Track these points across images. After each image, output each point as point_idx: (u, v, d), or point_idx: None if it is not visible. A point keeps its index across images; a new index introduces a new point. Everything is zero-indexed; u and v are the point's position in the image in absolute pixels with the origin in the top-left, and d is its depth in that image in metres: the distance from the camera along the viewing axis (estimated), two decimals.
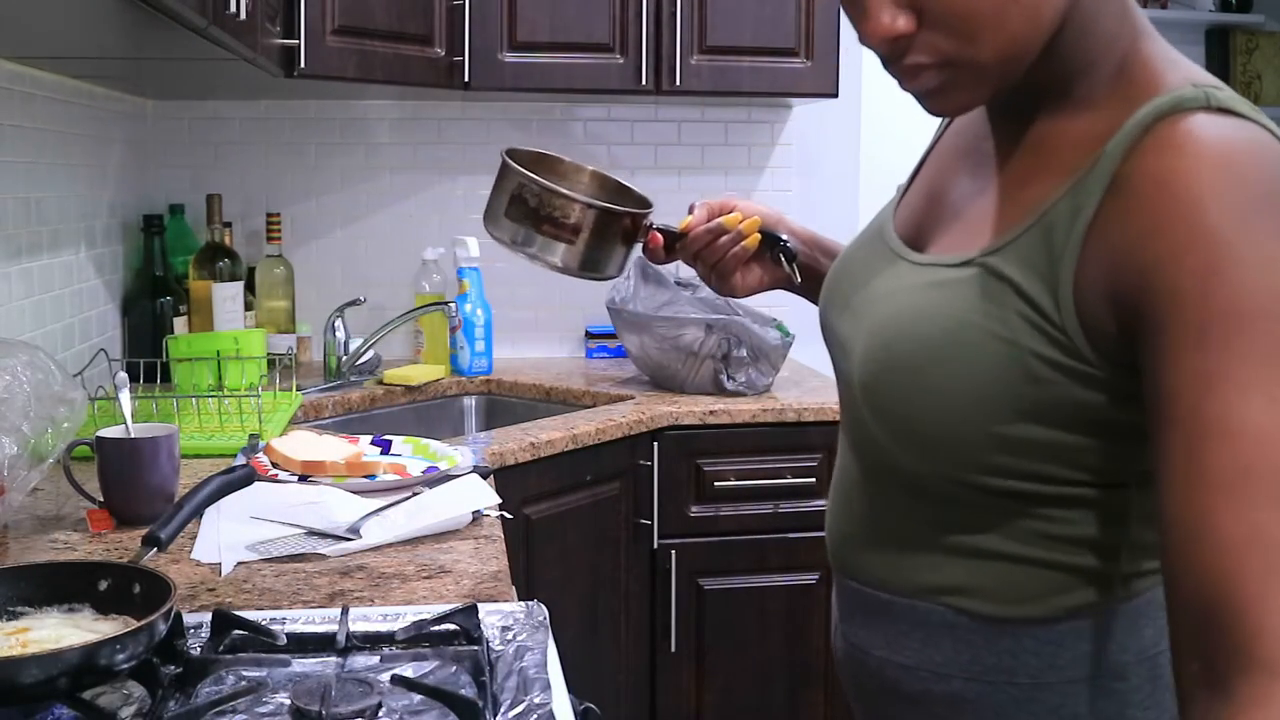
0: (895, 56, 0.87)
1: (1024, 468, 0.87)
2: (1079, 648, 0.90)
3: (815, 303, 1.17)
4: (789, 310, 2.98)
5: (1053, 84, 0.88)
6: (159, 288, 2.48)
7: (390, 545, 1.42)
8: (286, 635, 1.08)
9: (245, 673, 1.02)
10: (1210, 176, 0.77)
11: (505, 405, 2.61)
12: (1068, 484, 0.87)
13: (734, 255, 1.25)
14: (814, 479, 2.35)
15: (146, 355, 2.27)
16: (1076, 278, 0.82)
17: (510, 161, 1.28)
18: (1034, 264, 0.84)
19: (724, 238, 1.24)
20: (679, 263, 1.31)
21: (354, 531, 1.44)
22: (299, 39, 2.19)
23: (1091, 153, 0.83)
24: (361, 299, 2.63)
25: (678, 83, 2.57)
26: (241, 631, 1.09)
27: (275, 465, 1.71)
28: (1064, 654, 0.90)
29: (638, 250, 1.31)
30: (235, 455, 1.81)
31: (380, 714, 0.94)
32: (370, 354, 2.59)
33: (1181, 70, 0.86)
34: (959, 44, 0.83)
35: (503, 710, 0.96)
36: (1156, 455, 0.78)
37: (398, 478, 1.68)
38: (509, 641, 1.10)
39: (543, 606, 1.18)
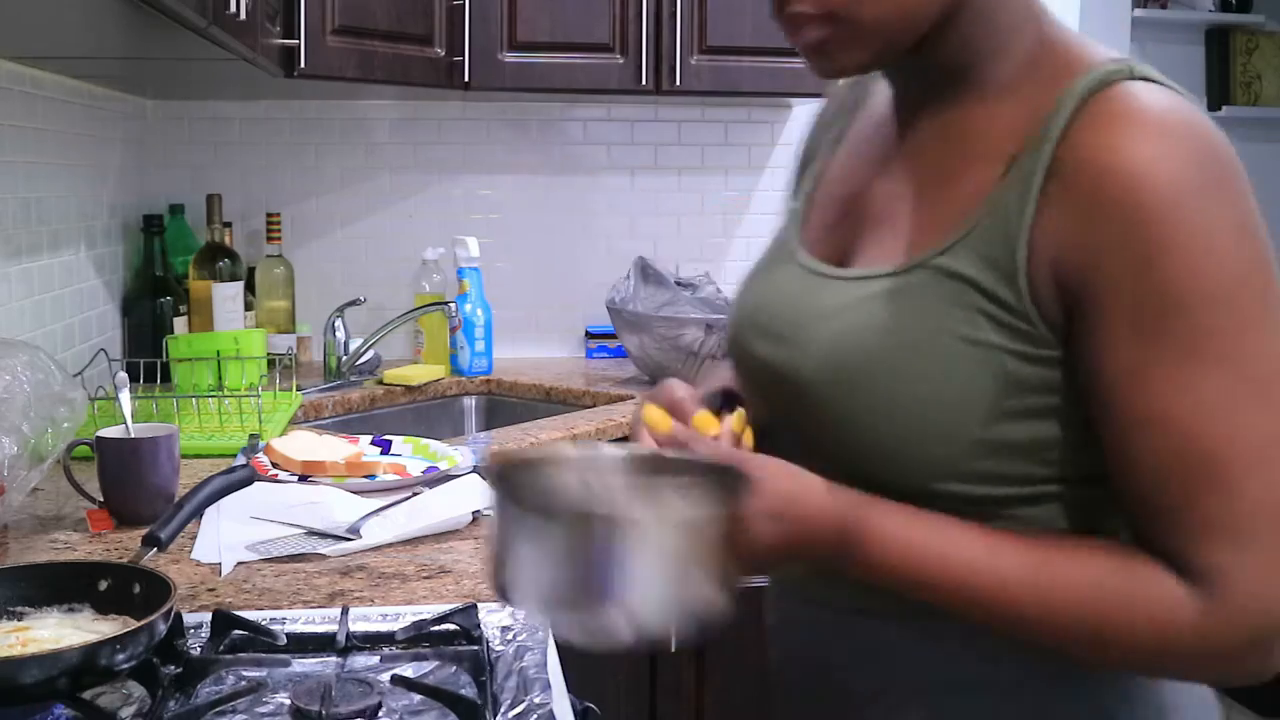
0: (781, 4, 0.86)
1: (1000, 470, 0.84)
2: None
3: None
4: None
5: (960, 72, 0.87)
6: (159, 288, 2.48)
7: (390, 545, 1.42)
8: (286, 635, 1.08)
9: (245, 673, 1.02)
10: (1149, 149, 0.76)
11: (505, 405, 2.61)
12: (1041, 482, 0.84)
13: None
14: None
15: (146, 355, 2.27)
16: (1029, 264, 0.80)
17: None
18: (989, 257, 0.81)
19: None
20: (679, 263, 1.30)
21: (354, 531, 1.44)
22: (299, 39, 2.19)
23: (1024, 136, 0.82)
24: (361, 299, 2.63)
25: (678, 83, 2.57)
26: (241, 631, 1.09)
27: (275, 465, 1.71)
28: (1036, 653, 0.85)
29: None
30: (235, 455, 1.81)
31: (380, 714, 0.94)
32: (370, 354, 2.58)
33: (1098, 49, 0.85)
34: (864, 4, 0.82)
35: (503, 710, 0.96)
36: (1103, 447, 0.81)
37: (398, 478, 1.68)
38: (509, 641, 1.10)
39: None
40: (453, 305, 2.57)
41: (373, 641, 1.09)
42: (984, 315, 0.81)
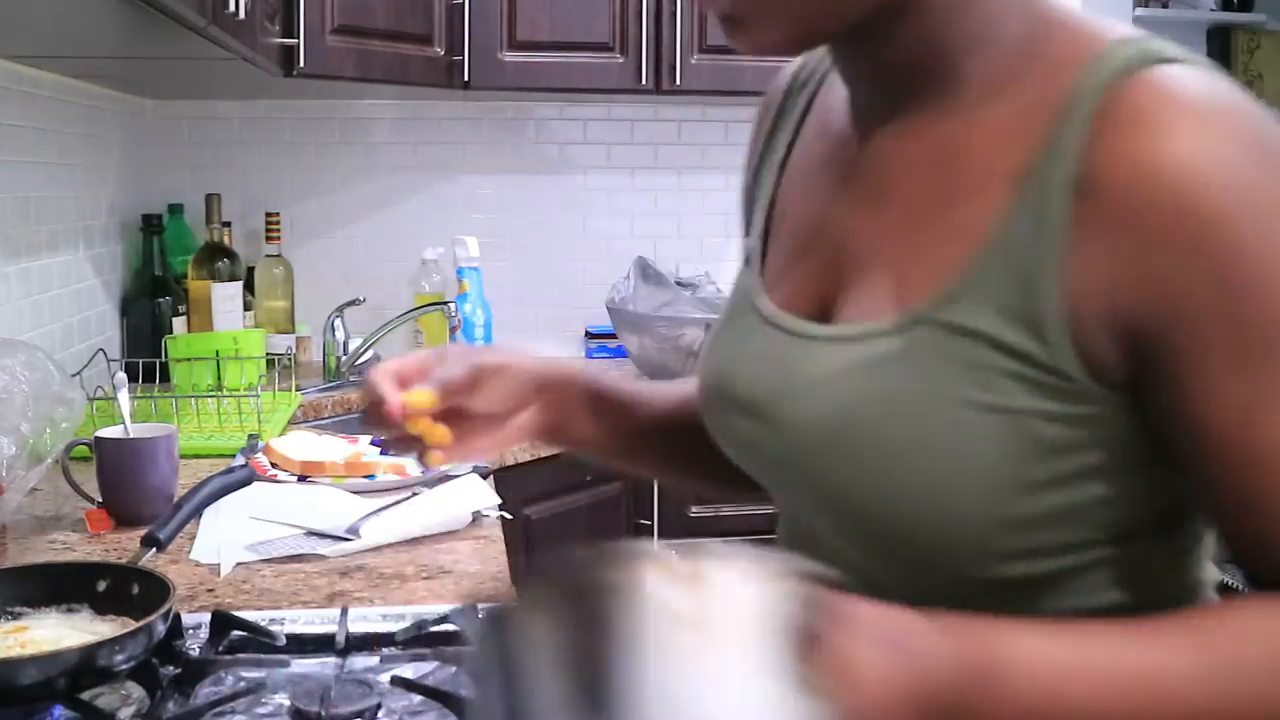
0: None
1: (1034, 544, 0.70)
2: None
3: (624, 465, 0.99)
4: None
5: (931, 69, 0.72)
6: (158, 288, 2.47)
7: (390, 545, 1.42)
8: (286, 636, 1.08)
9: (244, 673, 1.02)
10: (1201, 150, 0.63)
11: None
12: (1085, 548, 0.71)
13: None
14: None
15: (145, 355, 2.27)
16: (1064, 306, 0.65)
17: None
18: (1003, 304, 0.67)
19: None
20: (679, 263, 1.27)
21: (353, 532, 1.44)
22: (298, 38, 2.19)
23: (1025, 147, 0.67)
24: (361, 299, 2.63)
25: (678, 82, 2.56)
26: (240, 632, 1.08)
27: (275, 465, 1.71)
28: None
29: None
30: (234, 455, 1.81)
31: (380, 715, 0.94)
32: (370, 354, 2.58)
33: (1102, 26, 0.70)
34: None
35: None
36: (1204, 493, 0.69)
37: (397, 478, 1.67)
38: None
39: None
40: (453, 305, 2.57)
41: (372, 642, 1.09)
42: (1006, 375, 0.67)
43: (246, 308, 2.56)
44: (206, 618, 1.10)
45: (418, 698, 0.97)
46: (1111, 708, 0.63)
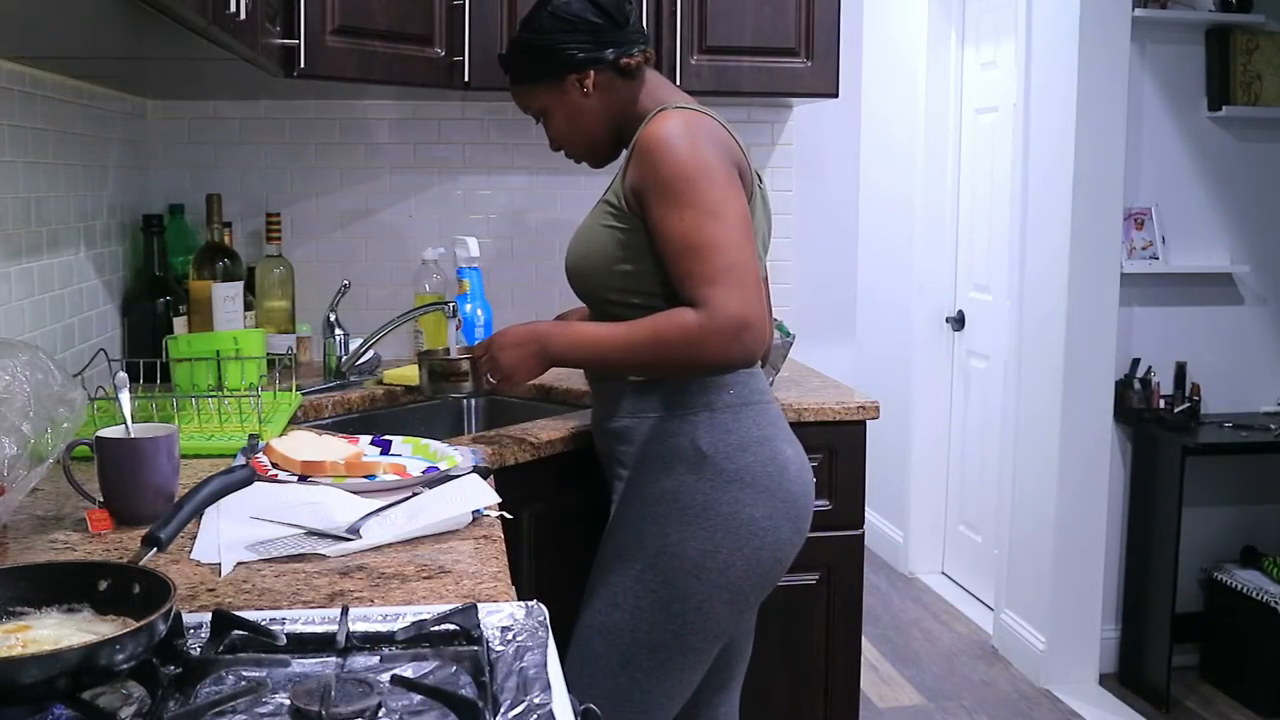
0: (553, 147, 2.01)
1: (621, 289, 1.85)
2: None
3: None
4: (789, 310, 2.99)
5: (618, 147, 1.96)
6: (159, 288, 2.48)
7: (390, 545, 1.42)
8: (286, 635, 1.08)
9: (245, 673, 1.02)
10: (660, 128, 1.77)
11: (505, 406, 2.61)
12: (642, 294, 1.83)
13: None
14: (814, 479, 2.34)
15: (146, 355, 2.27)
16: (624, 188, 1.81)
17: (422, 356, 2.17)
18: (613, 191, 1.85)
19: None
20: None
21: (354, 531, 1.44)
22: (299, 39, 2.19)
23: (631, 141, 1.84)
24: (346, 283, 2.64)
25: (678, 83, 2.56)
26: (241, 632, 1.08)
27: (275, 465, 1.71)
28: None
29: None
30: (235, 455, 1.81)
31: (380, 714, 0.94)
32: (370, 354, 2.58)
33: (670, 100, 1.88)
34: (573, 146, 1.99)
35: (503, 710, 0.96)
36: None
37: (398, 478, 1.68)
38: (509, 641, 1.10)
39: (543, 606, 1.18)
40: (453, 305, 2.57)
41: (372, 641, 1.09)
42: (608, 214, 1.84)
43: (247, 308, 2.56)
44: (207, 617, 1.10)
45: (418, 697, 0.97)
46: (600, 336, 1.82)
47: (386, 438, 1.89)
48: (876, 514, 4.83)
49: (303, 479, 1.67)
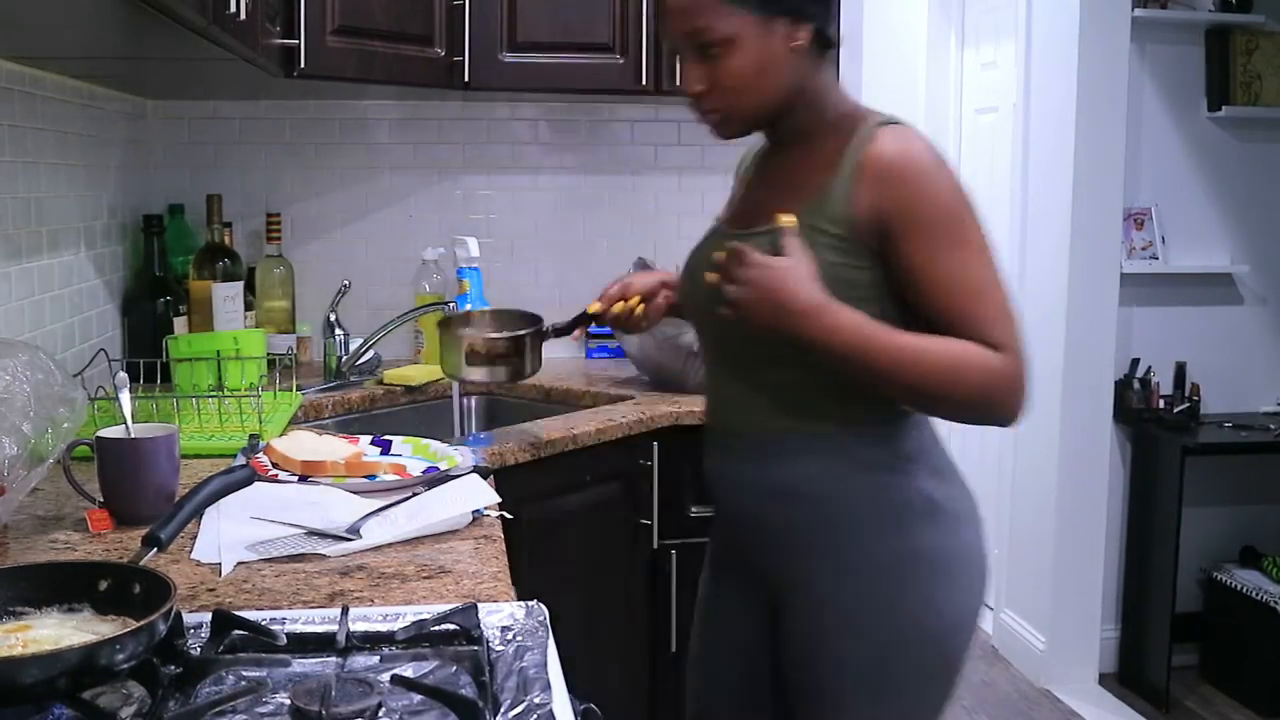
0: (690, 98, 1.56)
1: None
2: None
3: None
4: None
5: (794, 131, 1.58)
6: (159, 288, 2.48)
7: (390, 545, 1.42)
8: (286, 635, 1.08)
9: (245, 673, 1.02)
10: (904, 148, 1.48)
11: (505, 405, 2.61)
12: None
13: (633, 322, 1.91)
14: None
15: (146, 355, 2.27)
16: (852, 214, 1.47)
17: (449, 329, 1.98)
18: (830, 215, 1.48)
19: (629, 317, 1.91)
20: (679, 262, 1.72)
21: (354, 531, 1.44)
22: (299, 39, 2.19)
23: (836, 154, 1.50)
24: (346, 283, 2.64)
25: (678, 83, 2.56)
26: (241, 631, 1.09)
27: (275, 465, 1.71)
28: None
29: (548, 344, 2.04)
30: (235, 455, 1.81)
31: (380, 714, 0.94)
32: (370, 354, 2.59)
33: (870, 110, 1.56)
34: (731, 100, 1.53)
35: (503, 710, 0.96)
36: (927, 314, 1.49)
37: (398, 478, 1.68)
38: (509, 641, 1.10)
39: (543, 606, 1.18)
40: (453, 305, 2.57)
41: (373, 641, 1.09)
42: (826, 247, 1.47)
43: (247, 308, 2.56)
44: (207, 617, 1.10)
45: (418, 697, 0.97)
46: (880, 334, 1.44)
47: (386, 438, 1.89)
48: None
49: (303, 479, 1.67)
